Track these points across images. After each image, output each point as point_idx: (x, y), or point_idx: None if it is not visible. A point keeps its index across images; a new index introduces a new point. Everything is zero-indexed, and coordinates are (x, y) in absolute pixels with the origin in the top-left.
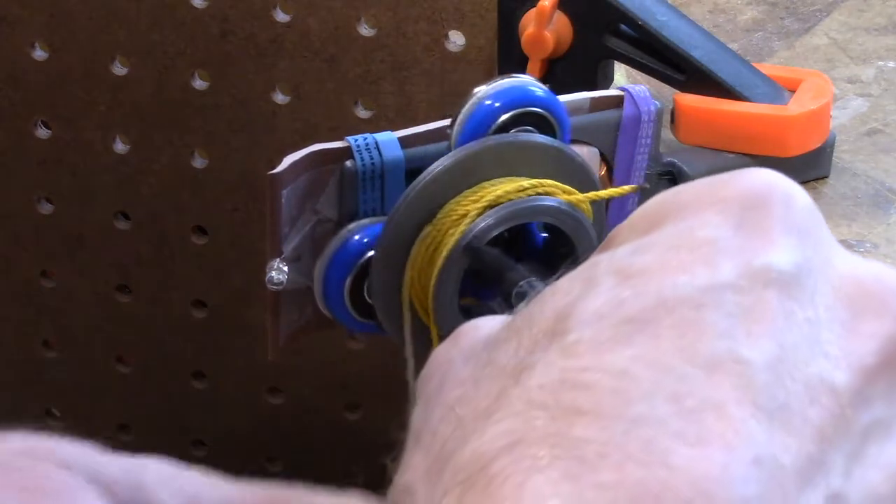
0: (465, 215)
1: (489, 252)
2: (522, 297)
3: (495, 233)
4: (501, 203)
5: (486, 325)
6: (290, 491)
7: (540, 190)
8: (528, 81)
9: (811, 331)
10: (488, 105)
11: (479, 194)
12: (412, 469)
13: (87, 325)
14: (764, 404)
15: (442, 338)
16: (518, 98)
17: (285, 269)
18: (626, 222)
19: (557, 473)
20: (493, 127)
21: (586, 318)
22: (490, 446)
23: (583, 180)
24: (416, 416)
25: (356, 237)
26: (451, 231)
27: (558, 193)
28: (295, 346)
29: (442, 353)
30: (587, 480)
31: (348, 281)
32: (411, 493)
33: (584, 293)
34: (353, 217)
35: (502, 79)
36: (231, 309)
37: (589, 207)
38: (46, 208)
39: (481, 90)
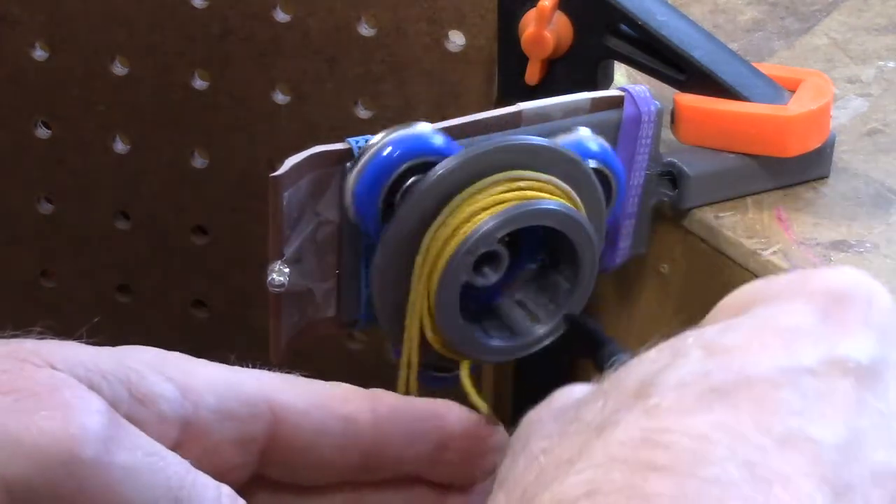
0: (467, 220)
1: (588, 322)
2: None
3: (498, 236)
4: (503, 207)
5: (578, 390)
6: (278, 376)
7: (541, 190)
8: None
9: (882, 421)
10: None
11: (481, 198)
12: None
13: (87, 325)
14: (831, 481)
15: (443, 344)
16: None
17: (286, 270)
18: (717, 306)
19: None
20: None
21: (671, 385)
22: (569, 493)
23: (584, 182)
24: (503, 467)
25: (386, 151)
26: (452, 235)
27: (560, 196)
28: (296, 347)
29: (534, 414)
30: None
31: (381, 197)
32: None
33: (672, 362)
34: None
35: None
36: (231, 309)
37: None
38: (46, 208)
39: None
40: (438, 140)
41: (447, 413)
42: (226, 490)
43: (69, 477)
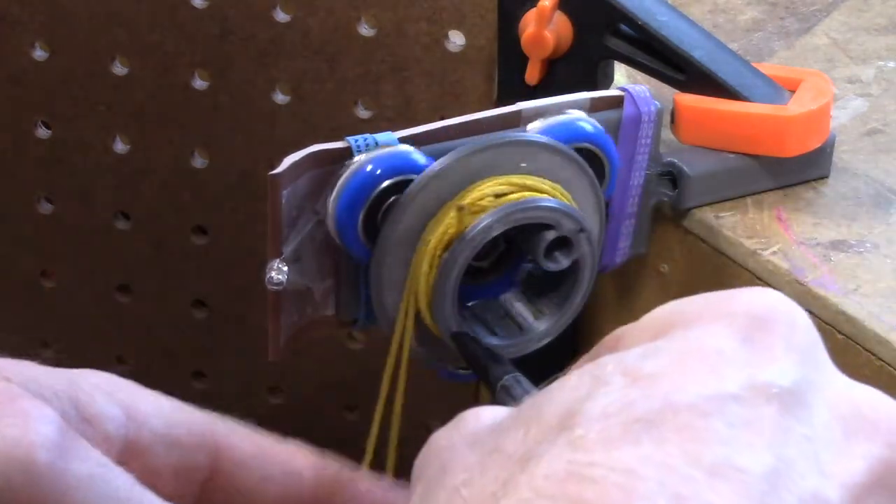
0: (464, 217)
1: (475, 342)
2: (507, 390)
3: (495, 233)
4: (501, 204)
5: (489, 413)
6: (226, 422)
7: (540, 188)
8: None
9: (808, 447)
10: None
11: (478, 194)
12: None
13: (87, 325)
14: None
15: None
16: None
17: (285, 269)
18: (633, 325)
19: None
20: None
21: (595, 415)
22: None
23: (583, 181)
24: (416, 496)
25: (368, 168)
26: (451, 231)
27: (557, 195)
28: (295, 346)
29: (443, 438)
30: None
31: (362, 213)
32: None
33: (593, 391)
34: None
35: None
36: (231, 309)
37: None
38: (46, 208)
39: None
40: (420, 159)
41: (395, 499)
42: None
43: (26, 482)
